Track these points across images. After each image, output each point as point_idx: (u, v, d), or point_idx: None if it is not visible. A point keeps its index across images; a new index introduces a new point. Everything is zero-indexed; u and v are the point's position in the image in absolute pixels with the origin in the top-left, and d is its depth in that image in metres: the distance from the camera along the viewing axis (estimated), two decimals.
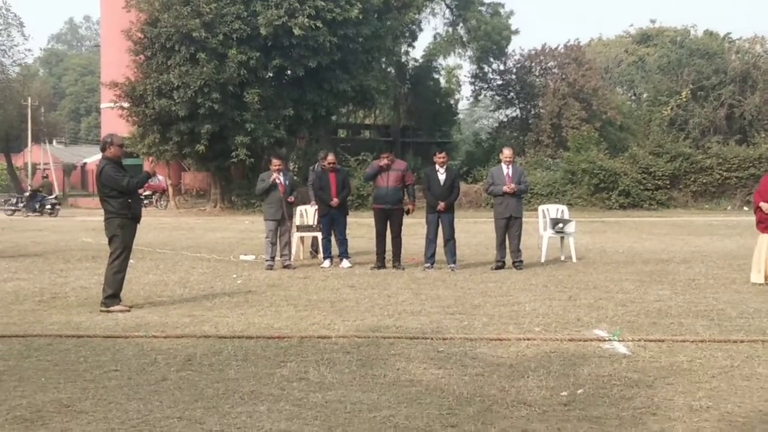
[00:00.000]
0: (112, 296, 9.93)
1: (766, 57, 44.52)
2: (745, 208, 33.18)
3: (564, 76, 45.82)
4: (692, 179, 37.71)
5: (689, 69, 45.04)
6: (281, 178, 14.47)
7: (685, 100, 44.09)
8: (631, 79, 57.64)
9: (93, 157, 60.61)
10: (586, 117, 44.04)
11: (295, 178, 16.30)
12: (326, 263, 14.66)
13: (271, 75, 37.10)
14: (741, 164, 37.24)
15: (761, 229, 11.87)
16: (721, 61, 45.14)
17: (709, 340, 7.78)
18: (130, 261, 10.62)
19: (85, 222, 28.33)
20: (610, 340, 7.85)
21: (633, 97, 57.49)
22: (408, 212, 14.48)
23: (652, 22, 65.86)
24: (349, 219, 15.51)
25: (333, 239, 14.89)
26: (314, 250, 16.18)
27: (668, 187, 37.38)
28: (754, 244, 12.15)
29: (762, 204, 11.74)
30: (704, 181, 37.65)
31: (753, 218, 12.30)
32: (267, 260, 14.38)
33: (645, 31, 64.80)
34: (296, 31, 33.87)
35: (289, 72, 37.13)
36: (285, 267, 14.25)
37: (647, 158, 37.69)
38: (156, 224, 27.10)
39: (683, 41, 52.36)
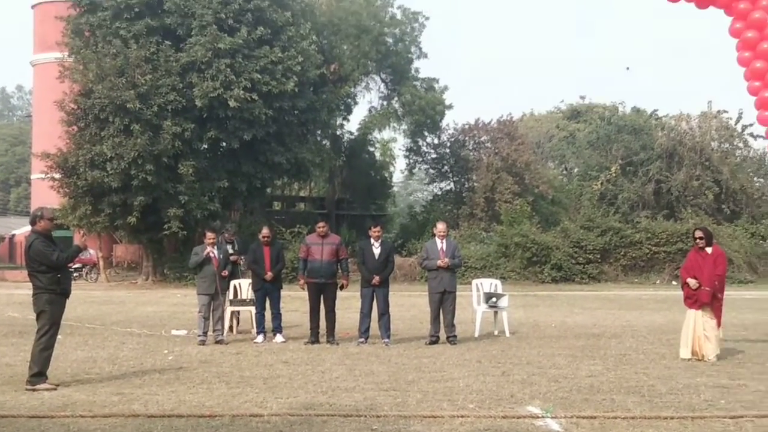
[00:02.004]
0: (38, 374, 9.69)
1: (691, 134, 45.70)
2: (674, 283, 33.72)
3: (497, 151, 46.50)
4: (622, 253, 38.27)
5: (618, 145, 46.04)
6: (215, 252, 14.38)
7: (614, 175, 44.98)
8: (562, 154, 58.70)
9: (22, 229, 59.49)
10: (518, 191, 44.61)
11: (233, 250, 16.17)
12: (259, 338, 14.52)
13: (206, 147, 37.01)
14: (669, 239, 37.94)
15: (689, 305, 12.09)
16: (649, 138, 46.24)
17: (640, 417, 7.85)
18: (58, 337, 10.38)
19: (12, 295, 27.67)
20: (543, 416, 7.88)
21: (564, 172, 58.47)
22: (342, 287, 14.45)
23: (582, 98, 67.51)
24: (283, 292, 15.42)
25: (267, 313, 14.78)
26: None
27: (599, 261, 37.87)
28: (683, 319, 12.36)
29: (689, 280, 11.98)
30: (634, 255, 38.23)
31: (681, 293, 12.52)
32: (199, 335, 14.20)
33: (575, 107, 66.33)
34: (232, 103, 33.98)
35: (224, 144, 37.13)
36: (217, 342, 14.08)
37: (578, 232, 38.22)
38: (86, 298, 26.58)
39: (612, 117, 53.55)
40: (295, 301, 20.90)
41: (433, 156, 50.76)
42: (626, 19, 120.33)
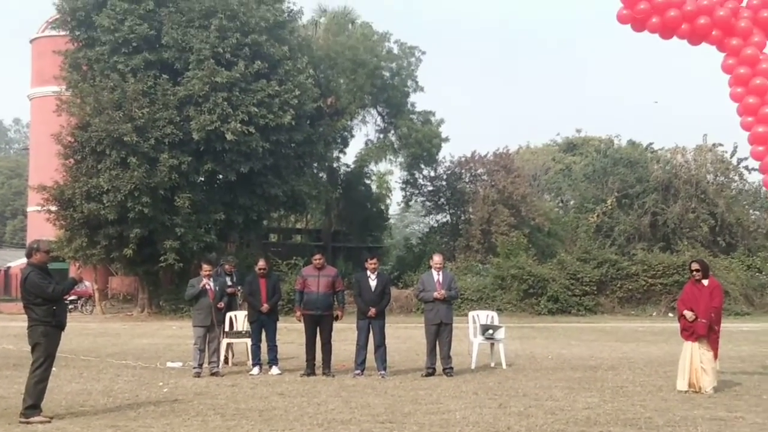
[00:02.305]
0: (33, 407, 9.65)
1: (686, 167, 45.82)
2: (670, 315, 33.68)
3: (493, 183, 46.57)
4: (618, 285, 38.25)
5: (614, 177, 46.13)
6: (211, 284, 14.38)
7: (610, 207, 45.03)
8: (559, 186, 58.79)
9: (17, 261, 59.34)
10: (515, 223, 44.64)
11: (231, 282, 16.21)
12: (255, 370, 14.49)
13: (203, 179, 37.08)
14: (665, 271, 37.93)
15: (685, 337, 12.10)
16: (644, 170, 46.33)
17: None
18: (53, 369, 10.35)
19: (7, 328, 27.57)
20: None
21: (560, 204, 58.53)
22: (337, 318, 14.44)
23: (578, 131, 67.77)
24: (280, 324, 15.40)
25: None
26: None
27: (595, 293, 37.83)
28: (679, 351, 12.35)
29: (686, 312, 12.00)
30: (630, 287, 38.21)
31: (677, 325, 12.52)
32: (194, 367, 14.16)
33: (571, 140, 66.53)
34: (229, 137, 34.08)
35: (220, 176, 37.22)
36: (213, 374, 14.04)
37: (575, 264, 38.21)
38: (81, 330, 26.49)
39: (607, 150, 53.70)
40: (291, 332, 20.85)
41: (430, 188, 50.82)
42: (621, 53, 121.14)
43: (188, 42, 35.26)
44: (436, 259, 14.68)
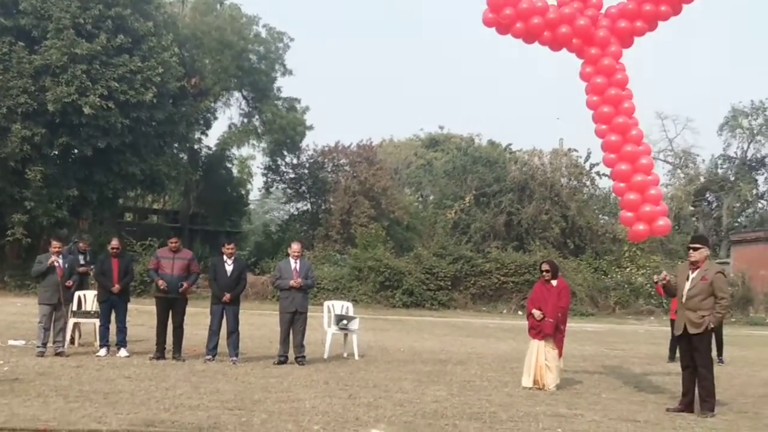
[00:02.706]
0: None
1: (542, 170, 47.09)
2: (520, 312, 34.60)
3: (355, 174, 46.75)
4: (472, 282, 39.03)
5: (473, 176, 47.01)
6: (60, 261, 13.93)
7: (468, 205, 45.87)
8: (419, 181, 59.51)
9: None
10: (374, 215, 44.95)
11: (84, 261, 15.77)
12: (102, 351, 14.12)
13: (57, 153, 35.77)
14: (517, 270, 38.94)
15: (533, 335, 12.44)
16: (502, 171, 47.41)
17: None
18: None
19: None
20: None
21: (420, 199, 59.27)
22: (181, 287, 14.07)
23: (441, 128, 68.77)
24: (130, 306, 15.05)
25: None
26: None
27: (450, 288, 38.48)
28: (526, 348, 12.69)
29: (534, 311, 12.34)
30: (483, 284, 39.05)
31: (526, 323, 12.87)
32: (38, 346, 13.71)
33: (434, 137, 67.47)
34: (86, 110, 33.00)
35: (76, 151, 36.00)
36: (57, 354, 13.62)
37: (431, 259, 38.76)
38: None
39: (468, 149, 54.67)
40: (142, 314, 20.43)
41: (292, 176, 50.63)
42: (488, 56, 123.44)
43: (47, 10, 33.91)
44: (294, 247, 14.63)
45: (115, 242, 14.68)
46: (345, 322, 15.67)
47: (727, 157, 62.81)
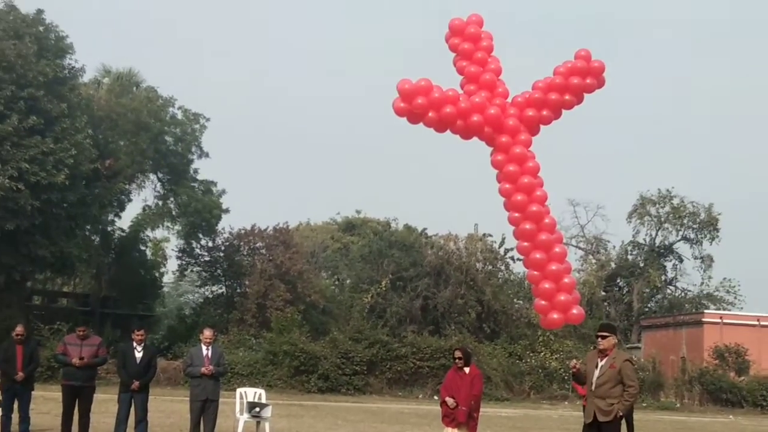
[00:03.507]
0: None
1: (458, 254, 47.56)
2: (435, 398, 34.52)
3: (271, 258, 46.52)
4: (388, 366, 38.92)
5: (389, 260, 47.18)
6: None
7: (384, 289, 45.91)
8: (336, 265, 59.50)
9: None
10: (290, 299, 44.64)
11: None
12: None
13: None
14: (433, 354, 38.99)
15: (446, 423, 12.39)
16: (419, 255, 47.70)
17: None
18: None
19: None
20: None
21: (337, 282, 59.16)
22: (82, 359, 13.61)
23: (358, 212, 69.18)
24: (35, 393, 14.59)
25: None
26: None
27: (365, 372, 38.29)
28: None
29: (447, 399, 12.31)
30: (399, 368, 38.96)
31: (440, 409, 12.81)
32: None
33: (350, 220, 67.76)
34: None
35: None
36: None
37: (347, 343, 38.59)
38: None
39: (384, 233, 54.94)
40: (48, 402, 19.79)
41: (207, 259, 50.08)
42: (400, 142, 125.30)
43: None
44: (206, 333, 14.46)
45: (19, 329, 14.27)
46: (257, 409, 15.45)
47: (636, 243, 64.32)
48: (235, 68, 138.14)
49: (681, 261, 64.20)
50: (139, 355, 13.86)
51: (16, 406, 13.91)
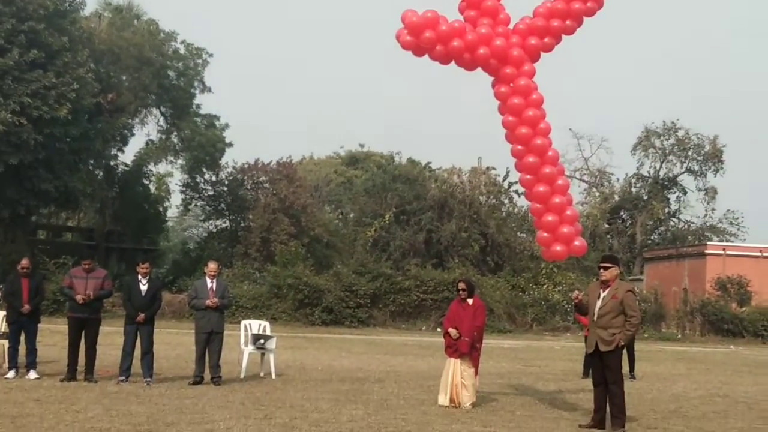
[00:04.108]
0: None
1: (462, 188, 47.54)
2: (438, 330, 34.76)
3: (275, 192, 46.56)
4: (391, 299, 39.16)
5: (392, 193, 47.18)
6: None
7: (387, 222, 46.00)
8: (339, 198, 59.58)
9: None
10: (294, 233, 44.80)
11: None
12: (11, 374, 13.75)
13: None
14: (436, 287, 39.20)
15: (449, 354, 12.51)
16: (422, 188, 47.68)
17: None
18: None
19: None
20: None
21: (340, 216, 59.32)
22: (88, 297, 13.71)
23: (361, 146, 69.00)
24: (41, 326, 14.71)
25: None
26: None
27: (369, 305, 38.55)
28: (443, 366, 12.76)
29: (450, 330, 12.41)
30: (402, 301, 39.21)
31: (443, 340, 12.93)
32: None
33: (354, 154, 67.63)
34: None
35: None
36: None
37: (351, 276, 38.79)
38: None
39: (388, 166, 54.85)
40: (54, 335, 19.99)
41: (211, 193, 50.19)
42: (406, 74, 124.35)
43: None
44: (211, 266, 14.52)
45: (24, 262, 14.34)
46: (262, 341, 15.55)
47: (640, 176, 64.22)
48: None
49: (685, 193, 64.27)
50: (144, 288, 13.94)
51: (23, 338, 14.04)
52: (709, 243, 52.60)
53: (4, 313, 14.73)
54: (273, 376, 15.14)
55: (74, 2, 39.06)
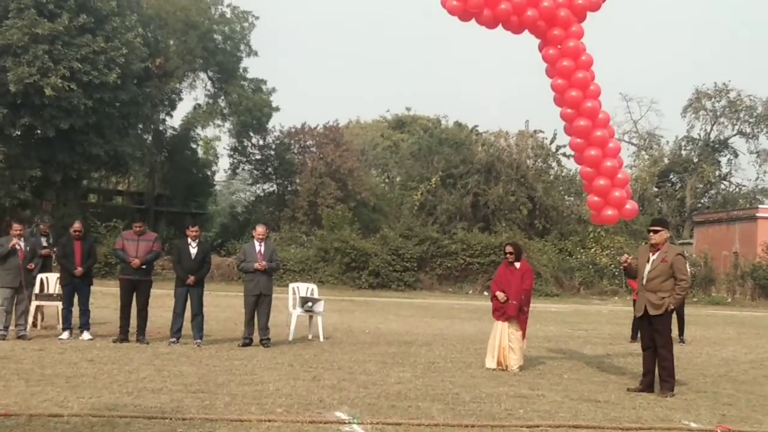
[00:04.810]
0: None
1: (509, 151, 47.24)
2: (485, 293, 34.79)
3: (322, 156, 46.68)
4: (438, 263, 39.19)
5: (439, 157, 47.04)
6: (21, 244, 13.79)
7: (434, 186, 45.91)
8: (386, 162, 59.54)
9: None
10: (341, 197, 44.94)
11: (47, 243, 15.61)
12: (65, 335, 14.00)
13: (19, 133, 35.40)
14: (483, 251, 39.13)
15: (496, 317, 12.50)
16: (469, 152, 47.45)
17: (443, 425, 8.04)
18: None
19: None
20: (350, 422, 7.95)
21: (387, 180, 59.30)
22: (132, 263, 13.90)
23: (407, 109, 68.78)
24: (94, 288, 14.95)
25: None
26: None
27: (416, 269, 38.63)
28: (490, 329, 12.76)
29: (498, 293, 12.39)
30: (449, 265, 39.21)
31: (490, 304, 12.92)
32: (0, 330, 13.57)
33: (400, 118, 67.45)
34: (48, 92, 32.58)
35: (39, 131, 35.63)
36: (19, 337, 13.49)
37: (397, 240, 38.86)
38: None
39: (434, 130, 54.64)
40: (106, 297, 20.30)
41: (258, 157, 50.48)
42: (451, 37, 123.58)
43: None
44: (259, 229, 14.60)
45: (77, 225, 14.54)
46: (310, 304, 15.66)
47: (690, 138, 63.42)
48: None
49: (736, 156, 63.40)
50: (193, 251, 14.08)
51: (76, 300, 14.27)
52: (760, 206, 51.79)
53: (57, 275, 14.98)
54: (321, 339, 15.26)
55: None
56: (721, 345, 18.06)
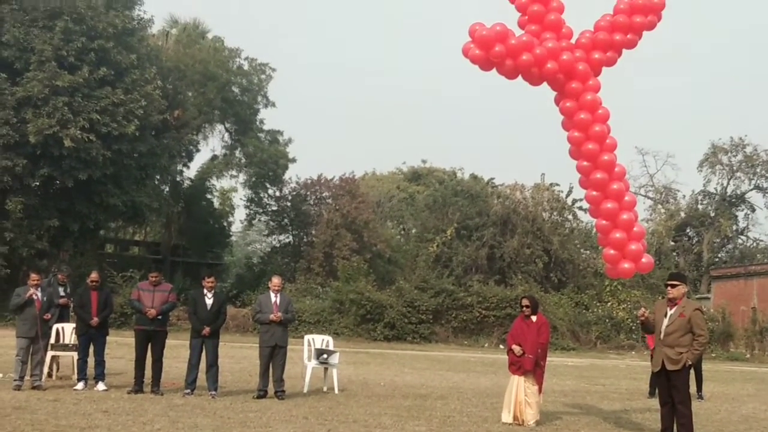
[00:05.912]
0: None
1: (524, 204, 47.20)
2: (501, 347, 34.56)
3: (338, 207, 46.76)
4: (453, 315, 39.00)
5: (454, 208, 47.00)
6: (38, 294, 13.86)
7: (450, 238, 45.79)
8: (401, 214, 59.54)
9: None
10: (357, 248, 44.91)
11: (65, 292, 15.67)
12: (80, 385, 14.00)
13: (38, 184, 35.66)
14: (499, 303, 38.94)
15: (513, 371, 12.42)
16: (484, 204, 47.41)
17: None
18: None
19: None
20: None
21: (402, 232, 59.24)
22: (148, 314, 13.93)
23: (423, 162, 69.00)
24: (110, 338, 14.96)
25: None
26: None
27: (431, 321, 38.42)
28: (507, 382, 12.67)
29: (514, 347, 12.33)
30: (465, 317, 39.01)
31: (507, 357, 12.84)
32: (15, 380, 13.59)
33: (416, 170, 67.63)
34: (67, 143, 32.86)
35: (57, 182, 35.87)
36: (34, 388, 13.50)
37: (413, 292, 38.71)
38: None
39: (450, 182, 54.68)
40: (121, 347, 20.29)
41: (274, 208, 50.60)
42: (468, 89, 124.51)
43: (30, 42, 33.85)
44: (275, 280, 14.63)
45: (94, 275, 14.60)
46: (325, 356, 15.61)
47: (707, 193, 63.27)
48: (297, 16, 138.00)
49: (753, 210, 63.11)
50: (209, 301, 14.11)
51: (91, 350, 14.28)
52: None
53: (73, 325, 15.01)
54: (336, 391, 15.19)
55: (142, 20, 39.79)
56: (740, 402, 17.85)
